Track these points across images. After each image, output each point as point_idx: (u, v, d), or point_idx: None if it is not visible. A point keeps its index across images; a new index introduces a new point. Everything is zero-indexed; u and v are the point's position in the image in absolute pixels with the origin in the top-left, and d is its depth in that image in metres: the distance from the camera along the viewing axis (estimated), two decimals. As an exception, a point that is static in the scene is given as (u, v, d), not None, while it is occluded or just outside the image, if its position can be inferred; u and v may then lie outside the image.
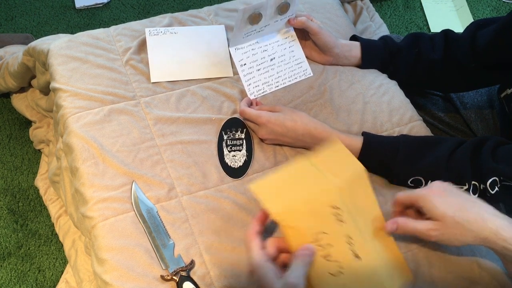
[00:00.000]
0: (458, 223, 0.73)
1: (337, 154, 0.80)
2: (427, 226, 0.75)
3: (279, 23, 1.06)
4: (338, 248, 0.73)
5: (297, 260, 0.70)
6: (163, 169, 0.92)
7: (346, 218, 0.74)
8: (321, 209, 0.73)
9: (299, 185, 0.76)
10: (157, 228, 0.84)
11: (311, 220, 0.74)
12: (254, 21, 1.00)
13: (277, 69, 1.06)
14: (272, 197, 0.75)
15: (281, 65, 1.06)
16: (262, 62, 1.06)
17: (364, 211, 0.77)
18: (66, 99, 0.98)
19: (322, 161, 0.77)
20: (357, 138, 0.93)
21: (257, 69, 1.04)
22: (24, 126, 1.52)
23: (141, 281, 0.79)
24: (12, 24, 1.79)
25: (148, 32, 1.09)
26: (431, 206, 0.75)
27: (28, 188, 1.42)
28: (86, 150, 0.91)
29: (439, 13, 2.01)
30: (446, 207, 0.74)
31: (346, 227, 0.74)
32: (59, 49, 1.06)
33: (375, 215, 0.79)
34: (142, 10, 1.89)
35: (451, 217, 0.73)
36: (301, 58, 1.09)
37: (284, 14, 1.03)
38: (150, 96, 1.01)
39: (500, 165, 0.83)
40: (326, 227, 0.73)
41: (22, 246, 1.33)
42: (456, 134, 1.19)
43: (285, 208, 0.73)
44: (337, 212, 0.74)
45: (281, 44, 1.08)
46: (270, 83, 1.05)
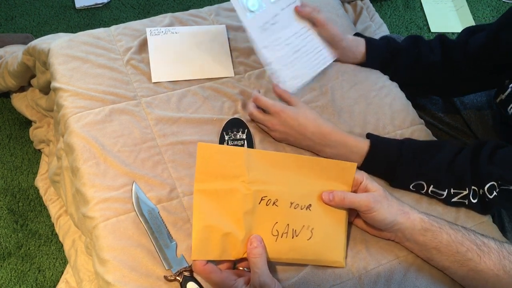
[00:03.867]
0: (388, 196, 0.81)
1: (214, 157, 0.78)
2: (366, 195, 0.80)
3: (287, 10, 1.02)
4: (293, 220, 0.80)
5: (251, 257, 0.75)
6: (164, 170, 0.92)
7: (275, 196, 0.80)
8: (256, 213, 0.78)
9: (221, 218, 0.77)
10: (159, 229, 0.84)
11: (259, 229, 0.79)
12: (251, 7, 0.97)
13: (301, 61, 1.03)
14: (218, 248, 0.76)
15: (303, 57, 1.04)
16: (288, 57, 1.03)
17: (279, 171, 0.81)
18: (67, 99, 0.98)
19: (209, 174, 0.77)
20: (365, 141, 0.93)
21: (284, 64, 1.02)
22: (24, 126, 1.52)
23: (144, 281, 0.79)
24: (12, 24, 1.78)
25: (149, 32, 1.09)
26: (368, 182, 0.82)
27: (28, 188, 1.42)
28: (87, 150, 0.91)
29: (439, 13, 2.01)
30: (378, 185, 0.82)
31: (282, 202, 0.80)
32: (60, 49, 1.05)
33: (289, 162, 0.82)
34: (142, 10, 1.89)
35: (383, 191, 0.81)
36: (320, 46, 1.06)
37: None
38: (151, 96, 1.01)
39: (497, 169, 0.84)
40: (271, 219, 0.79)
41: (22, 246, 1.33)
42: (456, 135, 1.19)
43: (236, 245, 0.77)
44: (265, 200, 0.79)
45: (300, 35, 1.05)
46: (297, 76, 1.02)
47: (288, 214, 0.80)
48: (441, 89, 1.13)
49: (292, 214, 0.80)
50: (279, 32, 1.02)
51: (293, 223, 0.80)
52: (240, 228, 0.77)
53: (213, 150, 0.78)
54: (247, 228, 0.77)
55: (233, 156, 0.78)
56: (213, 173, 0.77)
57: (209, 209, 0.77)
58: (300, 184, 0.82)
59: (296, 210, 0.80)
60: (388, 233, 0.84)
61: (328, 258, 0.82)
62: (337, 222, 0.82)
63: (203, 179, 0.77)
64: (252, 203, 0.78)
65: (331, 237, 0.82)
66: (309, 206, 0.81)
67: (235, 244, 0.77)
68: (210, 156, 0.77)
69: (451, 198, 0.89)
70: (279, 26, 1.02)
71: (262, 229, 0.79)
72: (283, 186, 0.81)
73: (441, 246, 0.79)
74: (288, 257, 0.80)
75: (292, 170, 0.82)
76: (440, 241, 0.79)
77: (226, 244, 0.77)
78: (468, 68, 1.05)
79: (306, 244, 0.80)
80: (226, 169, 0.78)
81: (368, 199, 0.79)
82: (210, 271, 0.73)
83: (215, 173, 0.77)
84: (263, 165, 0.80)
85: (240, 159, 0.78)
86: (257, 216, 0.79)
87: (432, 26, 1.97)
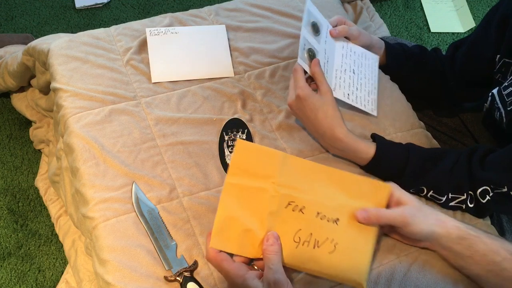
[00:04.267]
0: (422, 207, 0.80)
1: (250, 154, 0.80)
2: (400, 210, 0.79)
3: (328, 40, 1.01)
4: (318, 230, 0.78)
5: (267, 254, 0.74)
6: (164, 170, 0.92)
7: (303, 203, 0.78)
8: (280, 216, 0.78)
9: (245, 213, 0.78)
10: (159, 229, 0.84)
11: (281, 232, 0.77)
12: (313, 57, 0.95)
13: (361, 75, 1.02)
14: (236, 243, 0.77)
15: (360, 70, 1.02)
16: (351, 80, 1.01)
17: (311, 180, 0.80)
18: (67, 99, 0.98)
19: (241, 173, 0.79)
20: (371, 146, 0.91)
21: (355, 88, 1.00)
22: (24, 126, 1.52)
23: (145, 281, 0.79)
24: (12, 24, 1.78)
25: (149, 32, 1.09)
26: (400, 193, 0.80)
27: (28, 188, 1.42)
28: (87, 151, 0.91)
29: (439, 13, 2.01)
30: (410, 196, 0.81)
31: (308, 209, 0.78)
32: (60, 49, 1.05)
33: (324, 174, 0.81)
34: (142, 10, 1.89)
35: (417, 202, 0.80)
36: (362, 52, 1.05)
37: (319, 33, 0.99)
38: (151, 97, 1.01)
39: (489, 173, 0.84)
40: (295, 225, 0.78)
41: (22, 246, 1.33)
42: (454, 136, 1.19)
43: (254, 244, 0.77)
44: (292, 206, 0.78)
45: (345, 55, 1.03)
46: (368, 90, 1.02)
47: (313, 223, 0.78)
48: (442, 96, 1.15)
49: (317, 224, 0.78)
50: (333, 65, 0.99)
51: (317, 233, 0.78)
52: (262, 227, 0.77)
53: (251, 148, 0.80)
54: (269, 229, 0.77)
55: (268, 157, 0.80)
56: (246, 170, 0.78)
57: (235, 203, 0.77)
58: (330, 197, 0.80)
59: (322, 221, 0.79)
60: (423, 242, 0.83)
61: (348, 277, 0.78)
62: (364, 241, 0.79)
63: (236, 173, 0.78)
64: (278, 205, 0.78)
65: (355, 255, 0.78)
66: (337, 220, 0.79)
67: (254, 242, 0.76)
68: (247, 153, 0.79)
69: (449, 202, 0.90)
70: (331, 60, 0.99)
71: (284, 233, 0.77)
72: (313, 195, 0.80)
73: (477, 255, 0.77)
74: (306, 267, 0.78)
75: (324, 181, 0.81)
76: (476, 250, 0.77)
77: (245, 240, 0.76)
78: (457, 83, 1.09)
79: (327, 257, 0.77)
80: (259, 168, 0.79)
81: (403, 215, 0.77)
82: (222, 259, 0.73)
83: (248, 170, 0.78)
84: (296, 172, 0.80)
85: (275, 161, 0.79)
86: (281, 220, 0.78)
87: (432, 26, 1.96)
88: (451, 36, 1.96)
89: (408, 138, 1.01)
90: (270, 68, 1.09)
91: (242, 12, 1.19)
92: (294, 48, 1.13)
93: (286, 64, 1.10)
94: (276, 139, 0.99)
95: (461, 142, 1.18)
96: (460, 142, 1.18)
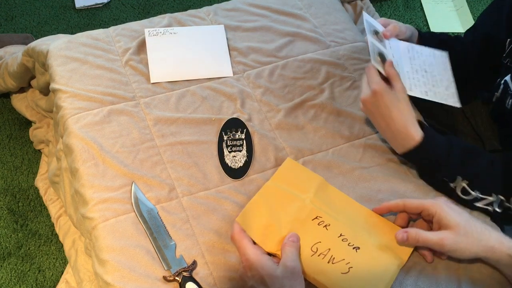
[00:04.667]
0: (468, 232, 0.75)
1: (295, 171, 0.91)
2: (440, 235, 0.76)
3: (392, 43, 1.00)
4: (337, 249, 0.80)
5: (288, 247, 0.77)
6: (163, 170, 0.92)
7: (330, 221, 0.83)
8: (304, 225, 0.83)
9: (275, 210, 0.85)
10: (158, 229, 0.84)
11: (302, 238, 0.81)
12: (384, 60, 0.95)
13: (435, 73, 1.00)
14: (260, 231, 0.82)
15: (432, 68, 1.00)
16: (425, 80, 0.99)
17: (342, 209, 0.87)
18: (66, 100, 0.98)
19: (285, 180, 0.89)
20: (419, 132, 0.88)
21: (432, 85, 0.98)
22: (24, 126, 1.52)
23: (143, 281, 0.79)
24: (12, 24, 1.79)
25: (148, 33, 1.09)
26: (446, 214, 0.77)
27: (28, 188, 1.42)
28: (86, 151, 0.91)
29: (439, 13, 2.01)
30: (456, 216, 0.76)
31: (333, 229, 0.83)
32: (59, 50, 1.06)
33: (355, 208, 0.87)
34: (142, 10, 1.89)
35: (463, 226, 0.75)
36: (428, 50, 1.03)
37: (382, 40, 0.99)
38: (150, 97, 1.01)
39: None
40: (317, 237, 0.81)
41: (22, 246, 1.33)
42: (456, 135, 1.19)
43: (276, 240, 0.81)
44: (319, 220, 0.83)
45: (414, 57, 1.02)
46: (447, 86, 0.99)
47: (334, 241, 0.81)
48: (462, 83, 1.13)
49: (338, 244, 0.81)
50: (403, 68, 0.98)
51: (335, 251, 0.80)
52: (286, 228, 0.82)
53: (296, 167, 0.92)
54: (291, 231, 0.81)
55: (309, 177, 0.90)
56: (287, 181, 0.89)
57: (270, 199, 0.86)
58: (356, 228, 0.84)
59: (343, 242, 0.81)
60: None
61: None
62: (379, 278, 0.79)
63: (277, 181, 0.89)
64: (306, 215, 0.84)
65: (370, 285, 0.79)
66: (357, 248, 0.81)
67: (274, 238, 0.80)
68: (292, 170, 0.91)
69: (476, 202, 0.88)
70: (400, 63, 0.98)
71: (303, 240, 0.80)
72: (340, 220, 0.84)
73: None
74: (316, 278, 0.78)
75: (353, 214, 0.86)
76: None
77: (267, 233, 0.81)
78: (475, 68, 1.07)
79: (339, 276, 0.78)
80: (298, 182, 0.88)
81: (441, 242, 0.76)
82: (244, 236, 0.78)
83: (288, 181, 0.88)
84: (329, 197, 0.88)
85: (314, 183, 0.89)
86: (305, 228, 0.82)
87: (432, 26, 1.96)
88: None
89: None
90: (269, 67, 1.09)
91: (240, 11, 1.19)
92: (293, 47, 1.13)
93: (284, 63, 1.10)
94: (275, 138, 0.99)
95: None
96: None
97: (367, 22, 0.98)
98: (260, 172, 0.94)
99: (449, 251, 0.77)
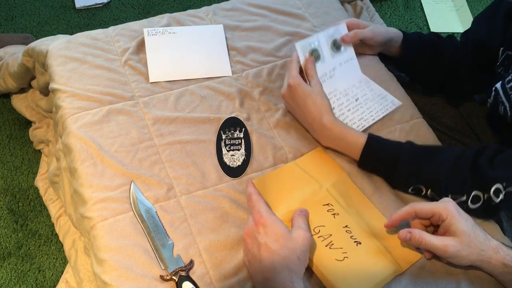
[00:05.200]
0: (472, 242, 0.76)
1: (321, 160, 0.94)
2: (445, 241, 0.76)
3: (344, 66, 1.04)
4: (338, 236, 0.83)
5: (299, 218, 0.81)
6: (161, 169, 0.92)
7: (340, 211, 0.86)
8: (314, 207, 0.86)
9: (291, 186, 0.89)
10: (156, 228, 0.84)
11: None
12: (316, 58, 1.00)
13: (365, 107, 1.03)
14: (271, 198, 0.86)
15: (367, 103, 1.03)
16: (349, 104, 1.03)
17: (356, 206, 0.89)
18: (65, 100, 0.98)
19: (308, 165, 0.93)
20: (363, 137, 0.92)
21: (347, 109, 1.02)
22: (24, 126, 1.52)
23: (141, 281, 0.79)
24: (12, 24, 1.79)
25: (147, 32, 1.09)
26: (456, 221, 0.77)
27: (28, 188, 1.42)
28: (85, 151, 0.91)
29: (439, 13, 2.01)
30: (464, 224, 0.76)
31: (340, 218, 0.86)
32: (58, 50, 1.06)
33: (369, 210, 0.89)
34: (142, 10, 1.89)
35: (468, 235, 0.76)
36: (383, 93, 1.05)
37: (340, 49, 1.03)
38: (149, 96, 1.01)
39: (501, 172, 0.83)
40: (322, 221, 0.84)
41: (22, 246, 1.33)
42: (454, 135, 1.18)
43: (284, 211, 0.85)
44: (329, 208, 0.86)
45: (358, 87, 1.05)
46: (365, 118, 1.02)
47: (337, 229, 0.84)
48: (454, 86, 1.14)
49: (341, 233, 0.83)
50: (335, 84, 1.04)
51: (335, 238, 0.83)
52: (296, 204, 0.86)
53: (323, 156, 0.95)
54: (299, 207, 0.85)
55: (333, 168, 0.93)
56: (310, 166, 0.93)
57: (288, 176, 0.91)
58: (364, 225, 0.86)
59: (346, 233, 0.84)
60: None
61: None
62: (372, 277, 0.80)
63: (301, 164, 0.93)
64: (319, 199, 0.88)
65: (356, 278, 0.80)
66: (358, 243, 0.83)
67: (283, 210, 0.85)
68: (319, 158, 0.95)
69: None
70: (335, 79, 1.04)
71: (309, 220, 0.84)
72: (350, 214, 0.87)
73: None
74: (310, 257, 0.80)
75: (366, 214, 0.88)
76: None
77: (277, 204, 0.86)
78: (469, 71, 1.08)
79: (332, 261, 0.80)
80: (320, 170, 0.92)
81: (445, 248, 0.76)
82: (257, 192, 0.83)
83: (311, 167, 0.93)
84: (346, 192, 0.90)
85: (336, 174, 0.92)
86: (314, 210, 0.85)
87: (432, 26, 1.96)
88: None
89: (408, 129, 1.01)
90: (268, 67, 1.09)
91: (239, 11, 1.19)
92: (292, 47, 1.13)
93: (283, 63, 1.10)
94: (273, 137, 0.99)
95: (460, 142, 1.17)
96: (460, 141, 1.18)
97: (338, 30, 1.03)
98: (259, 171, 0.94)
99: (450, 257, 0.77)
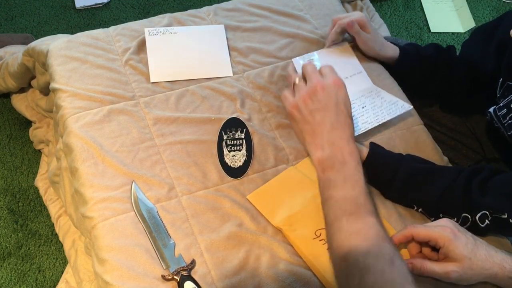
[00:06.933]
0: (474, 264, 0.76)
1: None
2: (447, 268, 0.77)
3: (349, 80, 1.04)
4: None
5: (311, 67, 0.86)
6: (162, 169, 0.92)
7: None
8: (317, 209, 0.83)
9: (292, 190, 0.89)
10: (157, 228, 0.84)
11: (308, 220, 0.85)
12: None
13: (372, 112, 1.02)
14: (270, 207, 0.86)
15: (374, 108, 1.02)
16: (354, 111, 1.00)
17: None
18: (66, 100, 0.98)
19: (308, 168, 0.92)
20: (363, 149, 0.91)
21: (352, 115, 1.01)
22: (24, 126, 1.52)
23: (142, 281, 0.79)
24: (12, 24, 1.79)
25: (148, 32, 1.09)
26: (453, 248, 0.77)
27: (28, 188, 1.42)
28: (86, 151, 0.91)
29: (439, 13, 2.01)
30: (463, 249, 0.76)
31: None
32: (59, 50, 1.06)
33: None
34: (142, 10, 1.89)
35: (469, 259, 0.76)
36: (393, 100, 1.04)
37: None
38: (150, 96, 1.01)
39: (489, 198, 0.82)
40: (324, 224, 0.81)
41: (22, 246, 1.33)
42: (454, 136, 1.19)
43: (284, 216, 0.85)
44: None
45: (368, 96, 1.04)
46: (369, 121, 1.01)
47: None
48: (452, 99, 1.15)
49: None
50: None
51: None
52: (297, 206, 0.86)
53: None
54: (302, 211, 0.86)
55: None
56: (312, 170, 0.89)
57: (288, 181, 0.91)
58: None
59: None
60: None
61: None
62: None
63: (302, 168, 0.93)
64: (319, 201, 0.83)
65: None
66: None
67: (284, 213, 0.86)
68: None
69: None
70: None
71: (311, 222, 0.84)
72: None
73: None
74: (311, 260, 0.81)
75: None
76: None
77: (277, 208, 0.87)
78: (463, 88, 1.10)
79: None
80: None
81: (448, 275, 0.77)
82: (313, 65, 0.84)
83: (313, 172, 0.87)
84: None
85: None
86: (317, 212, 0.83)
87: (432, 26, 1.96)
88: (451, 36, 1.96)
89: (408, 136, 1.01)
90: (269, 68, 1.09)
91: (240, 12, 1.19)
92: (293, 48, 1.13)
93: (285, 64, 1.10)
94: (275, 138, 0.99)
95: (460, 142, 1.18)
96: (460, 142, 1.18)
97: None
98: (260, 171, 0.94)
99: (454, 282, 0.78)
